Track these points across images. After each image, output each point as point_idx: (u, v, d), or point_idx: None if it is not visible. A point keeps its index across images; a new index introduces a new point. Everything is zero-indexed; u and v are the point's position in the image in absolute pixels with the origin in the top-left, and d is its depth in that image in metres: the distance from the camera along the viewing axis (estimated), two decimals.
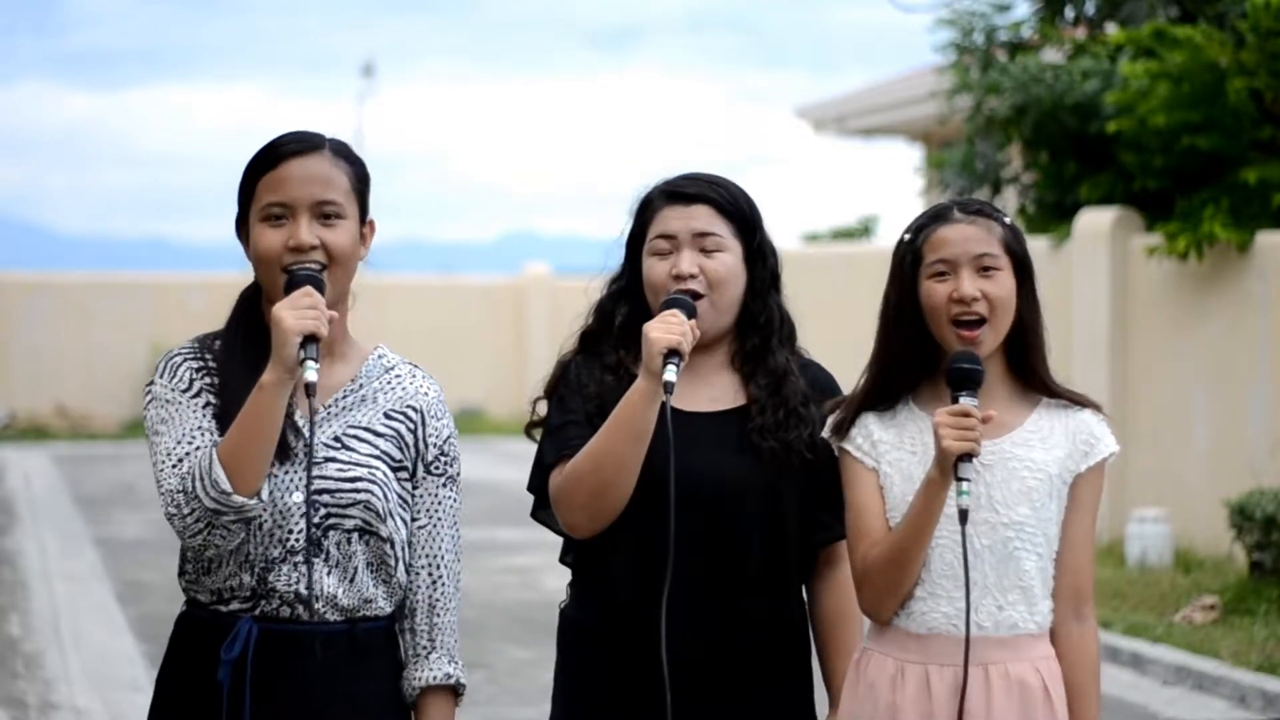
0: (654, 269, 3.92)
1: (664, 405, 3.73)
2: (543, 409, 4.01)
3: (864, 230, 25.04)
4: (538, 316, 27.03)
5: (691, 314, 3.81)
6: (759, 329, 3.97)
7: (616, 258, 4.07)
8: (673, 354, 3.73)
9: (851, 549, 3.89)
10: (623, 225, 4.03)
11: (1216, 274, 12.90)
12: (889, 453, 3.87)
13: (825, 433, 3.94)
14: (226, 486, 3.45)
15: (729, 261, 3.91)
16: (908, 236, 3.89)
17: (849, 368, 4.00)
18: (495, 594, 12.65)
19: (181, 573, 3.66)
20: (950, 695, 3.80)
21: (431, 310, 26.77)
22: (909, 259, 3.87)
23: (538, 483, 3.95)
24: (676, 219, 3.92)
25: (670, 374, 3.72)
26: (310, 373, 3.48)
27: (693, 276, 3.88)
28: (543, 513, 4.01)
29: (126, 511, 17.15)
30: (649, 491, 3.79)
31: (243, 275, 3.83)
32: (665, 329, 3.74)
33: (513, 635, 10.86)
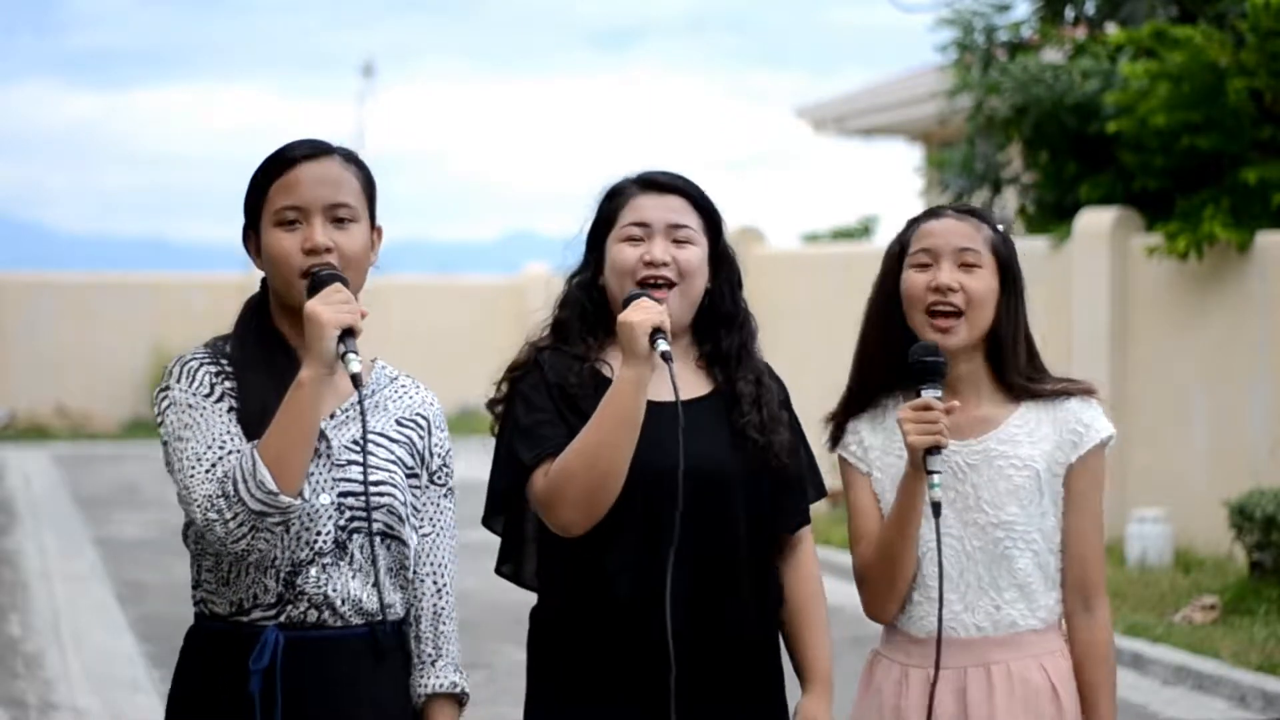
0: (624, 253, 3.90)
1: (669, 374, 3.70)
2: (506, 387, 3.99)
3: (864, 230, 25.03)
4: (537, 317, 26.94)
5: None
6: (738, 329, 3.96)
7: (575, 255, 4.05)
8: (658, 331, 3.71)
9: (851, 551, 3.90)
10: (585, 218, 4.02)
11: (1216, 274, 12.90)
12: (879, 458, 3.89)
13: (822, 442, 3.96)
14: (273, 486, 3.42)
15: (699, 254, 3.91)
16: (899, 231, 3.92)
17: (848, 367, 4.01)
18: (495, 594, 12.60)
19: (197, 585, 3.61)
20: (954, 698, 3.80)
21: (431, 310, 26.74)
22: (895, 250, 3.89)
23: (509, 482, 3.89)
24: (652, 207, 3.91)
25: (664, 344, 3.70)
26: (354, 364, 3.49)
27: (665, 264, 3.87)
28: (494, 519, 3.99)
29: (126, 511, 17.14)
30: (642, 483, 3.76)
31: (244, 275, 3.83)
32: (644, 312, 3.73)
33: (513, 635, 10.83)
